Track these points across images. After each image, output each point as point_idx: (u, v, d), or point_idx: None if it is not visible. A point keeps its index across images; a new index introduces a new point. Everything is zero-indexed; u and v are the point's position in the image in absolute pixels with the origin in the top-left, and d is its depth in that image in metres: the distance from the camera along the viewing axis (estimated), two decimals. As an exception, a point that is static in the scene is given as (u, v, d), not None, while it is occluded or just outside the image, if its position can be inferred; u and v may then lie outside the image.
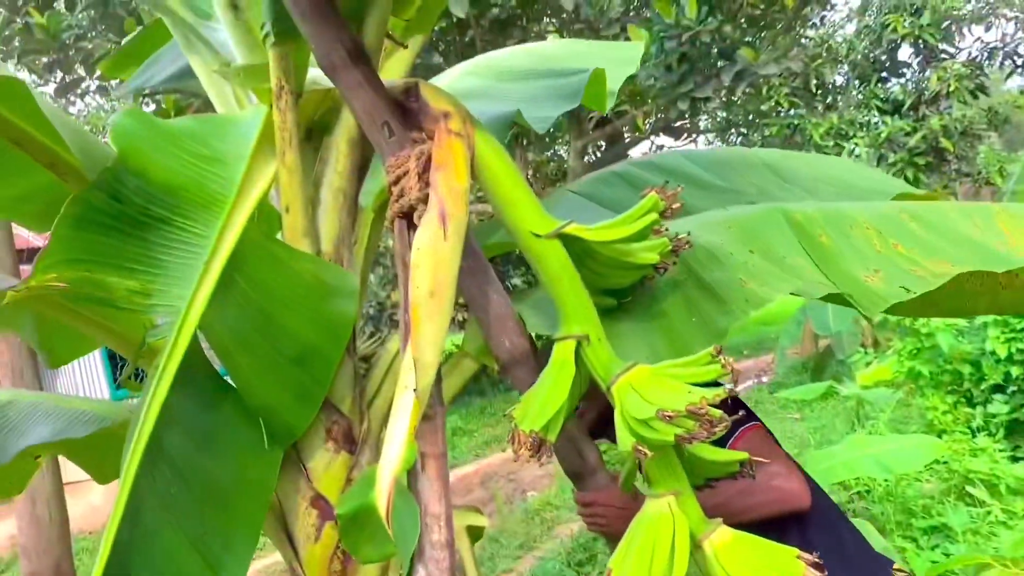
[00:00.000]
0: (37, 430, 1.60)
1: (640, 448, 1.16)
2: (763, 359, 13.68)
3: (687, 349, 1.33)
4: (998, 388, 5.68)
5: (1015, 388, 5.54)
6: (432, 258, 1.16)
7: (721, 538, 1.23)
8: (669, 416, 1.12)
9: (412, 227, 1.24)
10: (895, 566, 1.46)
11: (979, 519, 4.44)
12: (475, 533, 1.58)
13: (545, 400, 1.25)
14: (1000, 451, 5.12)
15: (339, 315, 1.44)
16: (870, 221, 1.45)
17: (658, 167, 2.11)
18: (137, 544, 1.21)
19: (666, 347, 1.39)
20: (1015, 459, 5.27)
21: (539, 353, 1.43)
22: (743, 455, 1.33)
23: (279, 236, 1.55)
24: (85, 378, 10.34)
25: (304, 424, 1.44)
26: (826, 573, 1.19)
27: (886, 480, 5.02)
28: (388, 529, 1.13)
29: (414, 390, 1.14)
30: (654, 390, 1.18)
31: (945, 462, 5.07)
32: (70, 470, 3.14)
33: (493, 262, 1.63)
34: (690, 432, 1.13)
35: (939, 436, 5.19)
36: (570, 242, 1.29)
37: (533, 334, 1.46)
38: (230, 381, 1.39)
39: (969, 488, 4.81)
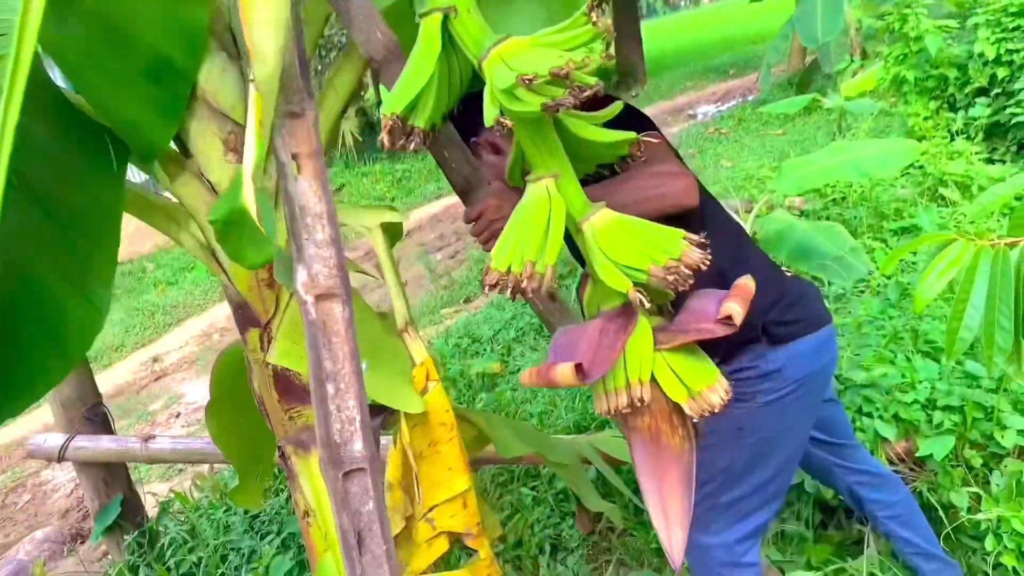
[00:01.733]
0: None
1: (502, 121, 1.08)
2: (749, 78, 13.36)
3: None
4: (982, 91, 5.51)
5: (999, 91, 5.38)
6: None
7: (602, 220, 1.20)
8: (529, 80, 1.03)
9: None
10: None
11: (948, 217, 4.50)
12: (392, 231, 1.57)
13: (408, 79, 1.15)
14: (976, 154, 5.08)
15: (192, 22, 1.31)
16: None
17: None
18: (6, 275, 1.19)
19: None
20: (991, 161, 5.25)
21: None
22: (630, 135, 1.26)
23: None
24: None
25: (166, 140, 1.36)
26: (709, 253, 1.17)
27: (861, 186, 5.04)
28: (262, 230, 1.11)
29: (251, 81, 1.05)
30: (523, 58, 1.08)
31: (921, 166, 5.06)
32: None
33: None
34: (556, 99, 1.04)
35: (919, 142, 5.13)
36: None
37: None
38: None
39: (942, 190, 4.83)
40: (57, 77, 1.27)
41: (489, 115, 1.09)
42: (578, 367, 1.15)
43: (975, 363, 2.52)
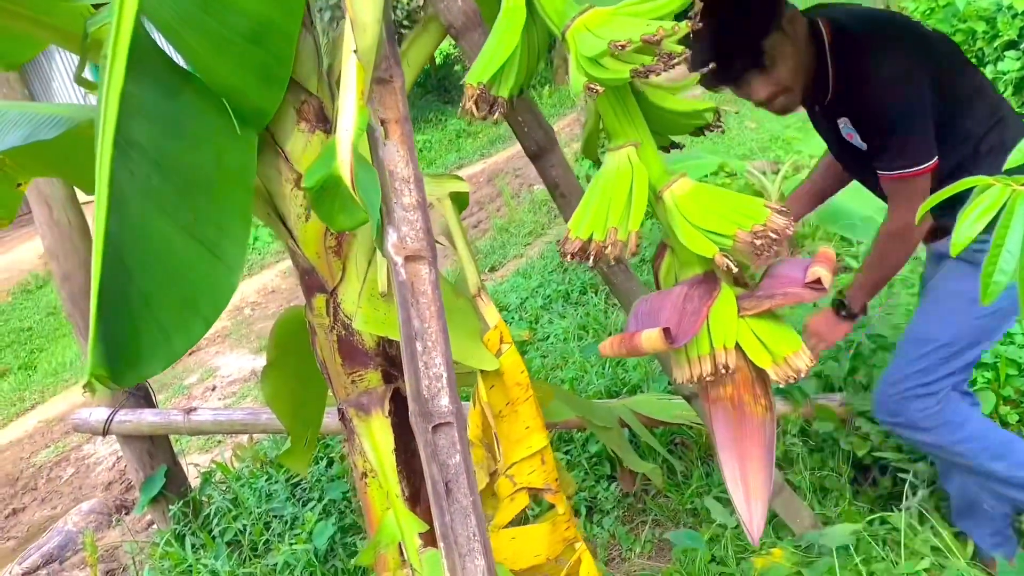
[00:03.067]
0: (5, 139, 1.59)
1: (592, 87, 1.10)
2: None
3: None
4: (1011, 45, 5.45)
5: (1029, 43, 5.33)
6: None
7: (682, 187, 1.22)
8: (621, 46, 1.06)
9: None
10: None
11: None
12: (459, 200, 1.61)
13: (493, 50, 1.19)
14: (1009, 108, 5.04)
15: (285, -18, 1.35)
16: None
17: None
18: (128, 236, 1.22)
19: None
20: (1022, 116, 5.19)
21: None
22: (709, 104, 1.30)
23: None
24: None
25: (273, 105, 1.40)
26: (792, 219, 1.18)
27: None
28: (355, 196, 1.15)
29: (354, 51, 1.09)
30: (609, 27, 1.11)
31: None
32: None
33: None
34: (645, 66, 1.07)
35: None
36: None
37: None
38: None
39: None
40: (170, 49, 1.30)
41: (577, 83, 1.12)
42: (665, 332, 1.15)
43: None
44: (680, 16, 1.15)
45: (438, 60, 14.49)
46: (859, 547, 2.21)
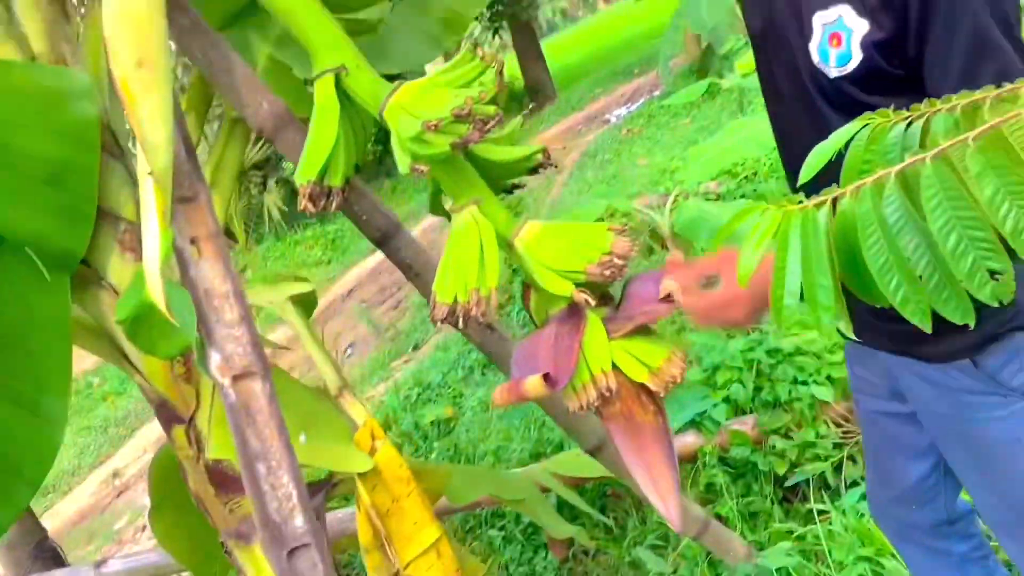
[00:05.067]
0: None
1: (416, 168, 1.13)
2: (653, 75, 13.52)
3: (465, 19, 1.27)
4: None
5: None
6: (130, 23, 1.03)
7: (530, 232, 1.25)
8: (434, 125, 1.07)
9: None
10: None
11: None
12: (305, 301, 1.57)
13: (314, 146, 1.19)
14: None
15: (79, 120, 1.30)
16: None
17: None
18: None
19: (443, 30, 1.32)
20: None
21: None
22: (537, 147, 1.32)
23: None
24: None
25: (82, 244, 1.34)
26: (630, 241, 1.23)
27: (768, 159, 5.16)
28: (172, 320, 1.10)
29: (149, 174, 1.06)
30: (422, 103, 1.12)
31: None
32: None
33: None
34: (464, 136, 1.10)
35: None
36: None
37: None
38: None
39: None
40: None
41: (402, 164, 1.14)
42: (546, 376, 1.18)
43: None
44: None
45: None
46: (796, 567, 2.19)
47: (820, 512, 2.38)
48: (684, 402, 2.80)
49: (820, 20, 1.23)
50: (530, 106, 14.96)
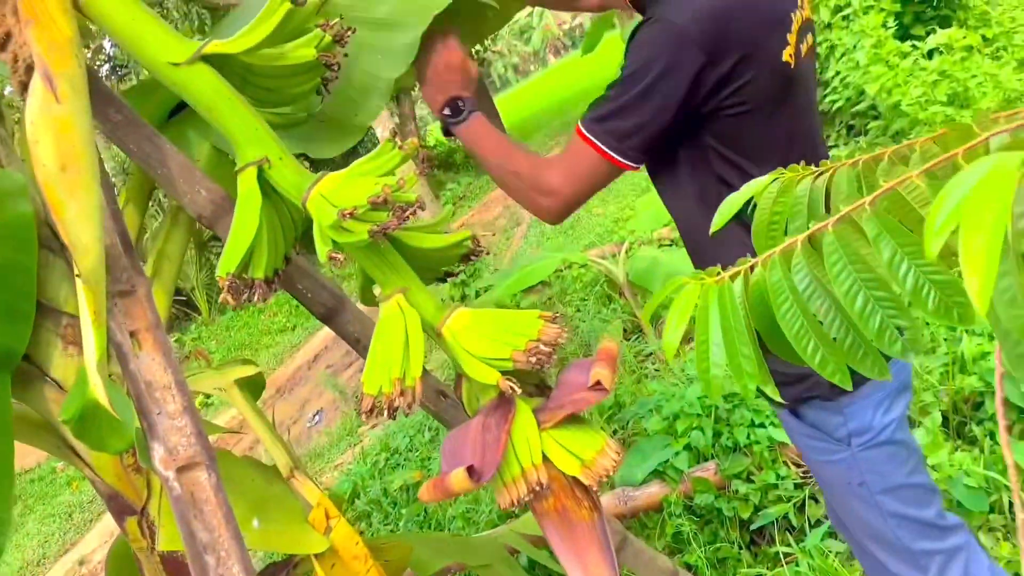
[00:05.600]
0: None
1: (334, 256, 1.13)
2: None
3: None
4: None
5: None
6: (50, 127, 1.03)
7: (458, 321, 1.24)
8: (349, 214, 1.08)
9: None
10: None
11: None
12: (252, 383, 1.56)
13: (234, 237, 1.19)
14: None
15: (15, 218, 1.30)
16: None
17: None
18: None
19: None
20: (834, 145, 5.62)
21: None
22: (464, 234, 1.33)
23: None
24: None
25: (21, 341, 1.33)
26: (564, 328, 1.23)
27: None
28: (117, 416, 1.10)
29: (77, 276, 1.06)
30: (342, 192, 1.13)
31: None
32: None
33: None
34: (381, 224, 1.10)
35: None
36: (220, 63, 1.18)
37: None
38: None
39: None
40: None
41: (321, 252, 1.14)
42: (470, 470, 1.14)
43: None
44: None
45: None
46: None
47: (786, 555, 2.39)
48: (647, 452, 2.82)
49: None
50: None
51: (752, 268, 0.84)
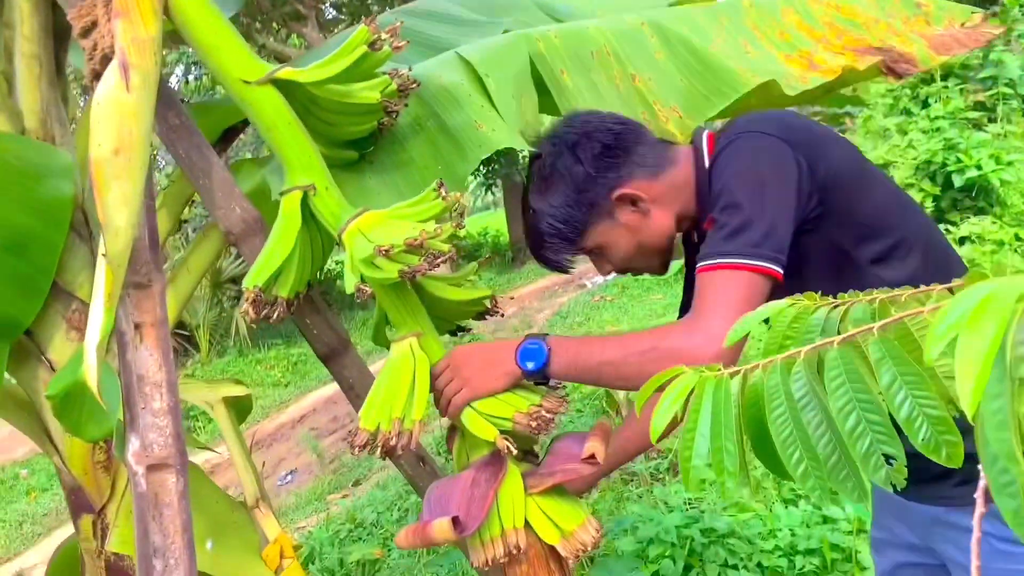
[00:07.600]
0: None
1: (361, 288, 1.17)
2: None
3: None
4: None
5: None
6: (115, 112, 1.08)
7: None
8: (386, 251, 1.12)
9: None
10: None
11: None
12: (239, 404, 1.56)
13: (268, 253, 1.22)
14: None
15: (54, 197, 1.35)
16: (611, 44, 1.49)
17: (425, 12, 1.99)
18: None
19: (414, 195, 1.38)
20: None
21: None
22: (485, 292, 1.36)
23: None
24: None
25: (29, 315, 1.35)
26: (562, 399, 1.26)
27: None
28: (102, 403, 1.10)
29: (103, 255, 1.08)
30: (381, 230, 1.17)
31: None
32: None
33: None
34: (413, 267, 1.13)
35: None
36: (288, 89, 1.24)
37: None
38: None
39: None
40: None
41: (349, 284, 1.17)
42: (454, 520, 1.16)
43: (835, 507, 2.63)
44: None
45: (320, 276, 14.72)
46: None
47: None
48: (614, 571, 2.73)
49: None
50: (510, 258, 15.37)
51: (752, 370, 0.85)
